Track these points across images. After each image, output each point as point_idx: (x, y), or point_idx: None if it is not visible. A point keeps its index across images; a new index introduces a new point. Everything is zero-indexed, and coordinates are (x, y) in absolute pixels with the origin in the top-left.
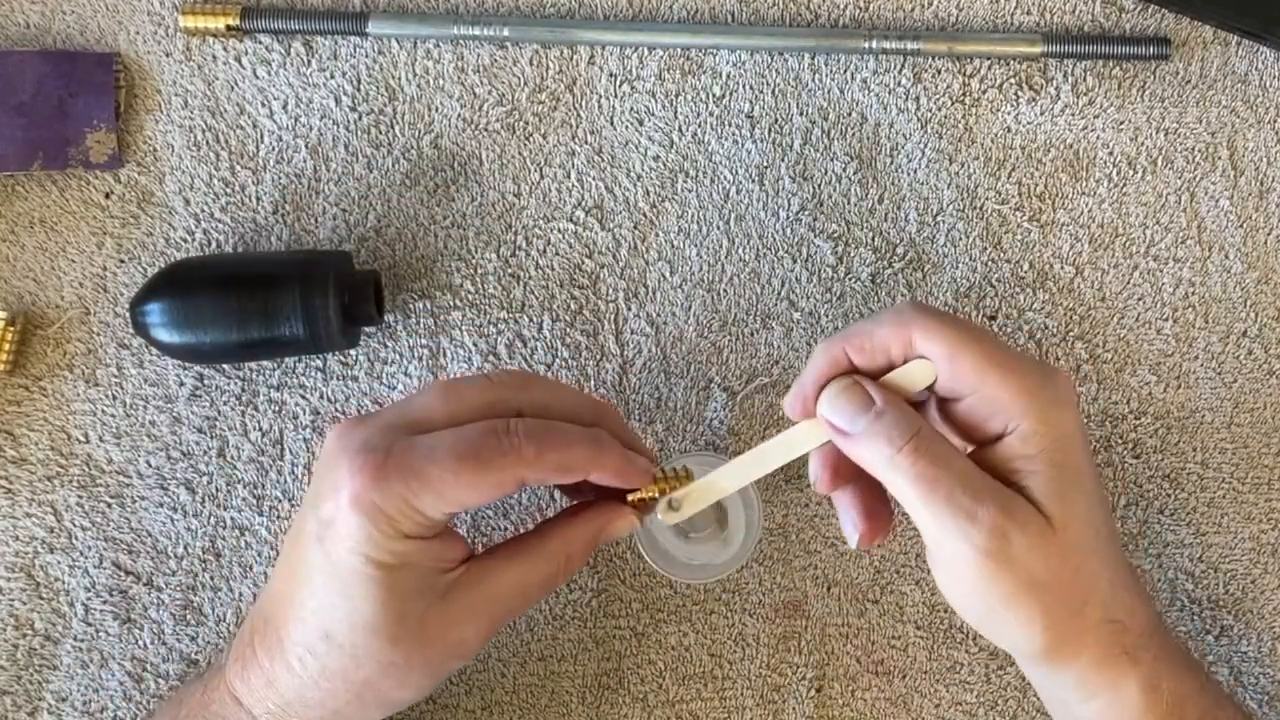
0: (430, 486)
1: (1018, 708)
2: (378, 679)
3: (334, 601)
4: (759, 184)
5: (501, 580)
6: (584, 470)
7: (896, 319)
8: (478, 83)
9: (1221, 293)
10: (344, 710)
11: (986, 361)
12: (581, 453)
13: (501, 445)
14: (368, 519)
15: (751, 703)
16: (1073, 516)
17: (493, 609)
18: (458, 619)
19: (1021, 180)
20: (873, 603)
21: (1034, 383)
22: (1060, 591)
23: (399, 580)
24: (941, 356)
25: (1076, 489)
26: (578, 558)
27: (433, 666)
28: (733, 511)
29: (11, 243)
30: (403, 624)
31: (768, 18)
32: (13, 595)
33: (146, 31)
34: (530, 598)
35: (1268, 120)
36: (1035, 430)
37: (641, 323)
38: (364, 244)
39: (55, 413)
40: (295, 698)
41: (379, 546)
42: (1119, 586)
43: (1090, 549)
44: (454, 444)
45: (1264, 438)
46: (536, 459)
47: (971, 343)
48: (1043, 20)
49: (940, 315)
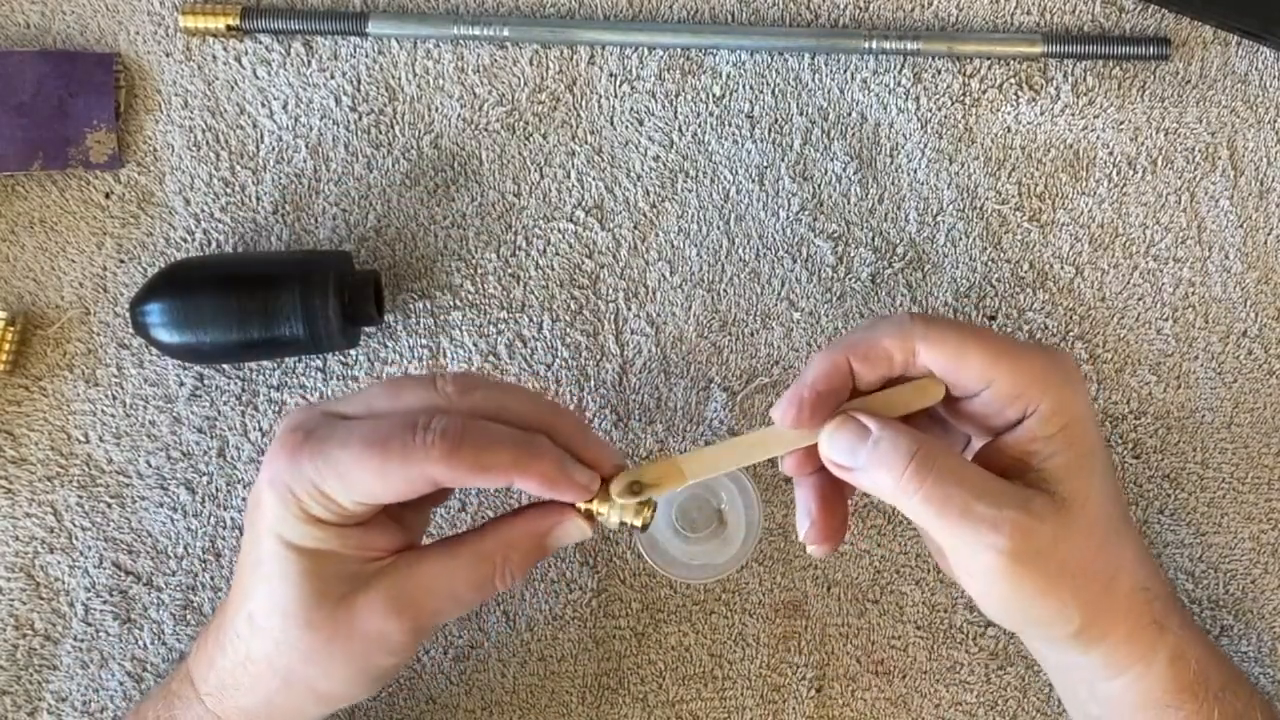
0: (336, 471)
1: (1018, 708)
2: (300, 666)
3: (255, 582)
4: (759, 184)
5: (426, 574)
6: (505, 475)
7: (898, 329)
8: (478, 83)
9: (1221, 293)
10: (276, 700)
11: (995, 355)
12: (504, 457)
13: (413, 439)
14: (280, 501)
15: (751, 703)
16: (1092, 492)
17: (416, 605)
18: (377, 610)
19: (1021, 180)
20: (873, 603)
21: (1043, 366)
22: (1090, 570)
23: (315, 565)
24: (950, 360)
25: (1092, 466)
26: (518, 562)
27: (356, 660)
28: (733, 511)
29: (11, 243)
30: (317, 609)
31: (768, 18)
32: (13, 595)
33: (146, 31)
34: (460, 599)
35: (1268, 120)
36: (1054, 410)
37: (641, 323)
38: (364, 244)
39: (55, 413)
40: (230, 680)
41: (292, 529)
42: (1142, 553)
43: (1111, 522)
44: (366, 432)
45: (1264, 438)
46: (446, 457)
47: (976, 340)
48: (1043, 20)
49: (940, 321)
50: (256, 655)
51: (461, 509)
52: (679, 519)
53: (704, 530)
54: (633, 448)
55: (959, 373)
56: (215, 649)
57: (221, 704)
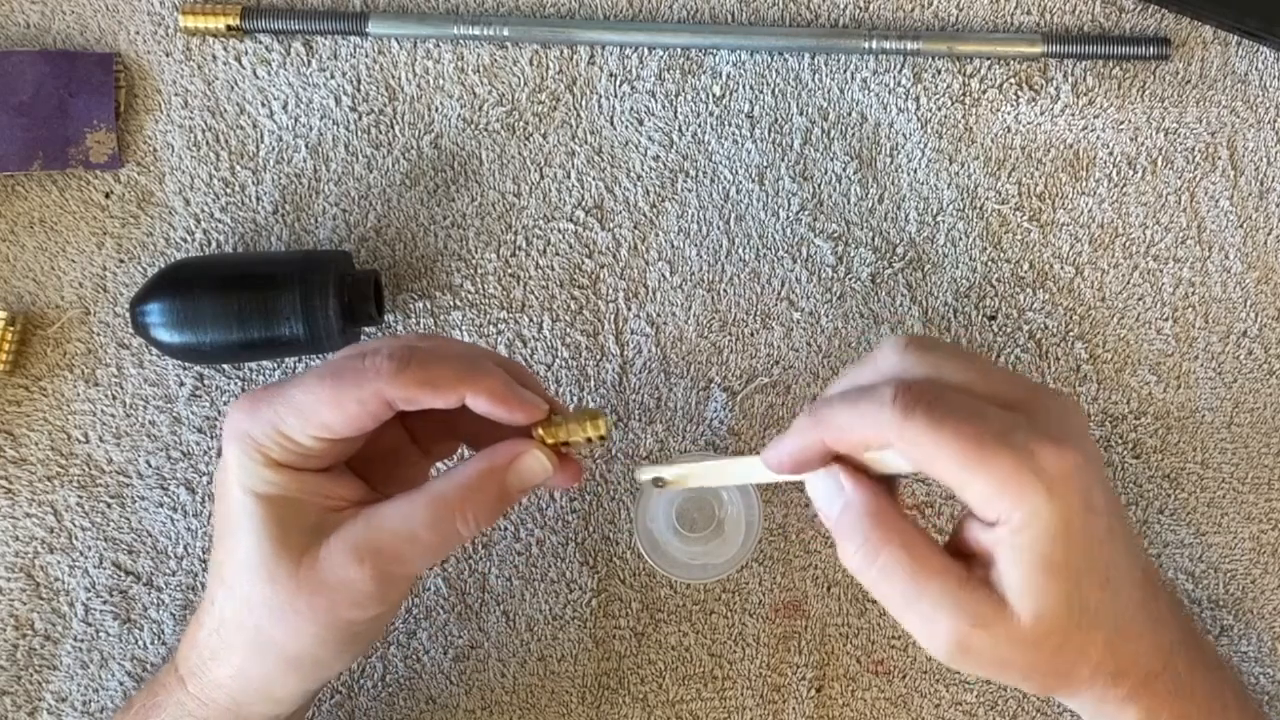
0: (292, 407)
1: (1018, 708)
2: (268, 625)
3: (223, 542)
4: (759, 184)
5: (386, 519)
6: (453, 390)
7: (876, 417)
8: (478, 83)
9: (1221, 293)
10: (247, 668)
11: (969, 462)
12: (450, 371)
13: (362, 362)
14: (240, 449)
15: (751, 703)
16: (1047, 608)
17: (378, 550)
18: (339, 558)
19: (1021, 180)
20: (873, 603)
21: (1021, 478)
22: (1040, 669)
23: (278, 514)
24: (922, 461)
25: (1059, 576)
26: (481, 504)
27: (321, 614)
28: (732, 511)
29: (11, 243)
30: (280, 560)
31: (768, 18)
32: (13, 595)
33: (146, 31)
34: (421, 541)
35: (1268, 120)
36: (1024, 524)
37: (641, 323)
38: (364, 244)
39: (55, 413)
40: (206, 651)
41: (253, 475)
42: (1120, 640)
43: (1074, 626)
44: (318, 369)
45: (1264, 438)
46: (396, 374)
47: (954, 443)
48: (1043, 20)
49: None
50: (228, 618)
51: None
52: (679, 519)
53: (704, 530)
54: (632, 448)
55: (931, 472)
56: (195, 625)
57: (200, 682)
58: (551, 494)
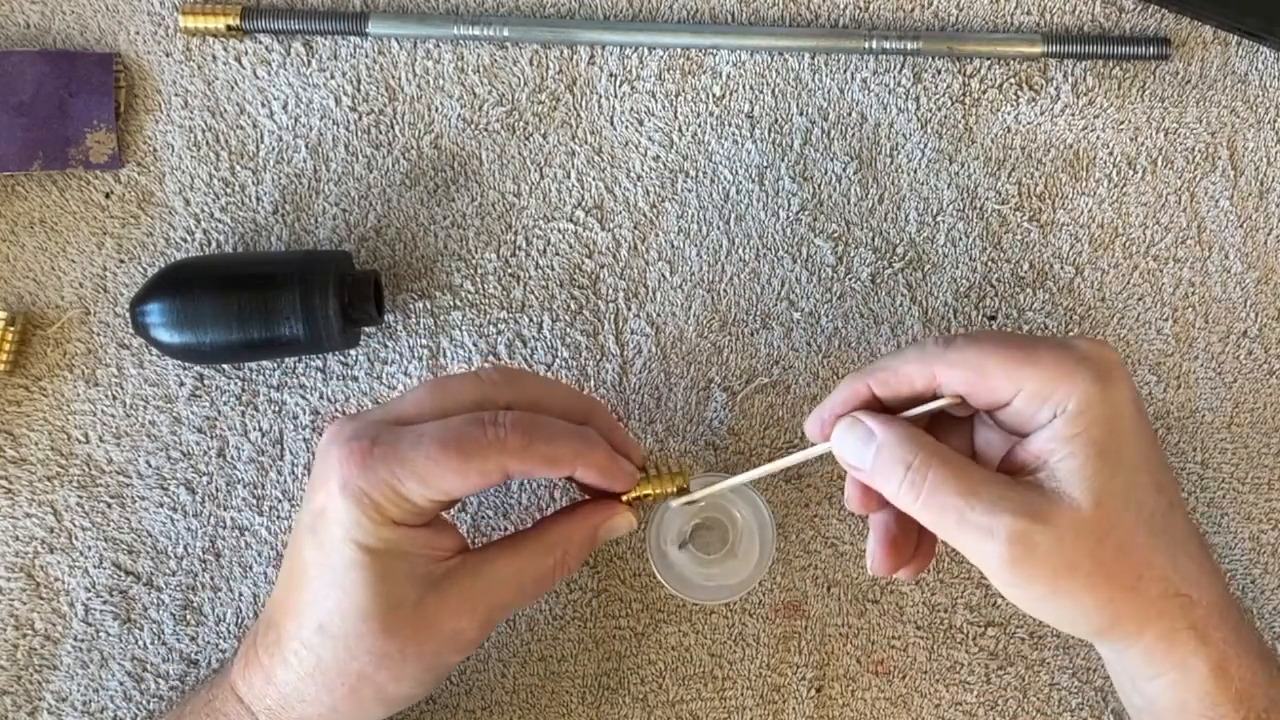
0: (415, 472)
1: (1018, 708)
2: (373, 671)
3: (327, 592)
4: (759, 184)
5: (496, 571)
6: (570, 466)
7: (919, 355)
8: (478, 83)
9: (1221, 293)
10: (340, 707)
11: (1017, 362)
12: (568, 448)
13: (487, 435)
14: (355, 505)
15: (751, 703)
16: (1107, 495)
17: (488, 600)
18: (452, 609)
19: (1021, 180)
20: (873, 603)
21: (1073, 363)
22: (1105, 571)
23: (390, 567)
24: (971, 377)
25: (1113, 465)
26: (575, 554)
27: (427, 659)
28: (746, 533)
29: (11, 243)
30: (395, 612)
31: (768, 18)
32: (13, 595)
33: (146, 31)
34: (526, 591)
35: (1268, 120)
36: (1079, 409)
37: (641, 323)
38: (364, 244)
39: (55, 413)
40: (292, 693)
41: (368, 532)
42: (1182, 558)
43: (1135, 523)
44: (439, 432)
45: (1264, 438)
46: (522, 450)
47: (997, 351)
48: (1043, 20)
49: (959, 340)
50: (327, 664)
51: (462, 508)
52: (693, 541)
53: (717, 552)
54: None
55: (984, 387)
56: (276, 665)
57: (280, 719)
58: (551, 493)
